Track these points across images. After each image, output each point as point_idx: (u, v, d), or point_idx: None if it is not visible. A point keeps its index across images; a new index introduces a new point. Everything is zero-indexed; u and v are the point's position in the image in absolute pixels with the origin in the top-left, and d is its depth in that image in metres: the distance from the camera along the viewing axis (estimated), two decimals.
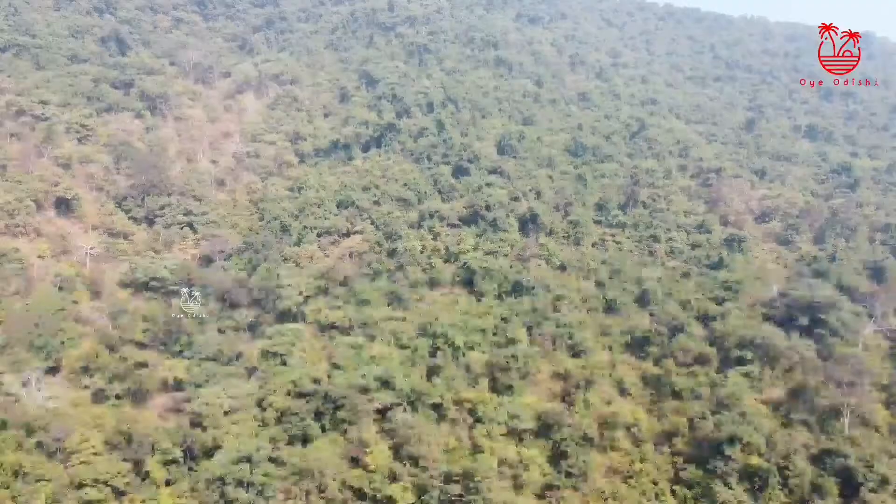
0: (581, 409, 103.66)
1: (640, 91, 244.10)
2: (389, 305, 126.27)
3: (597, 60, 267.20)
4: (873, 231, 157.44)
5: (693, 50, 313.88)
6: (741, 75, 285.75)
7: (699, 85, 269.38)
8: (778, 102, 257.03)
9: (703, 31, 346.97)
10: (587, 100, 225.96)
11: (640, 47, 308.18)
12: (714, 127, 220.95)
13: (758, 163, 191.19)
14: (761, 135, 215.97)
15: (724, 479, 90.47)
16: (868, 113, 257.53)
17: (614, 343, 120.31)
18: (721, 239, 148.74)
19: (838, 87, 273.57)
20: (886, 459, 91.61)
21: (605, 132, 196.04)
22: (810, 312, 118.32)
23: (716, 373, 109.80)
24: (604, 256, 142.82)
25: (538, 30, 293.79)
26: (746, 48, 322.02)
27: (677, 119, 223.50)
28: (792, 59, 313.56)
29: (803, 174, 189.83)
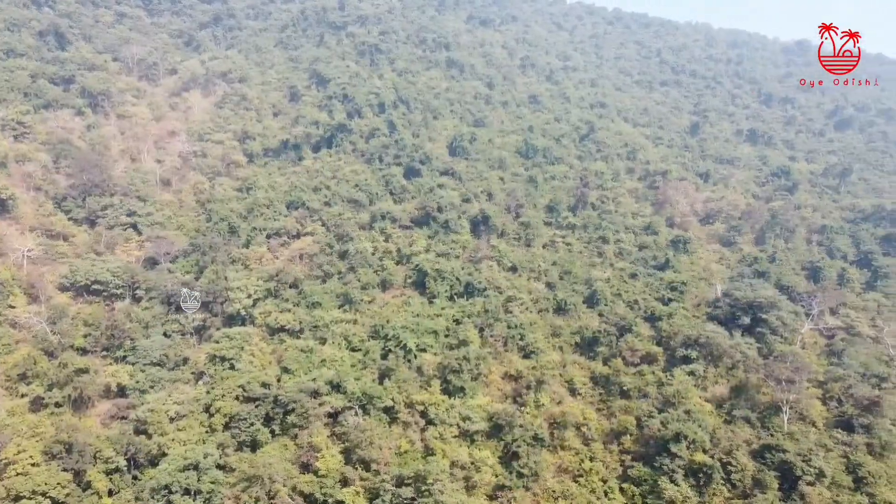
0: (532, 410, 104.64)
1: (589, 94, 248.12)
2: (340, 308, 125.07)
3: (547, 63, 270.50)
4: (810, 232, 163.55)
5: (640, 54, 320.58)
6: (686, 80, 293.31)
7: (646, 89, 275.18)
8: (721, 107, 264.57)
9: (651, 36, 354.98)
10: (538, 102, 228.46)
11: (590, 51, 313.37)
12: (660, 130, 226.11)
13: (702, 166, 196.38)
14: (705, 138, 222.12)
15: (670, 475, 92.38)
16: (805, 118, 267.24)
17: (564, 343, 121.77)
18: (667, 240, 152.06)
19: (777, 93, 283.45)
20: (823, 453, 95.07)
21: (555, 134, 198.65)
22: (752, 312, 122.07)
23: (662, 371, 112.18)
24: (554, 258, 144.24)
25: (489, 32, 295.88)
26: (691, 54, 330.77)
27: (625, 122, 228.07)
28: (734, 65, 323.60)
29: (745, 177, 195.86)
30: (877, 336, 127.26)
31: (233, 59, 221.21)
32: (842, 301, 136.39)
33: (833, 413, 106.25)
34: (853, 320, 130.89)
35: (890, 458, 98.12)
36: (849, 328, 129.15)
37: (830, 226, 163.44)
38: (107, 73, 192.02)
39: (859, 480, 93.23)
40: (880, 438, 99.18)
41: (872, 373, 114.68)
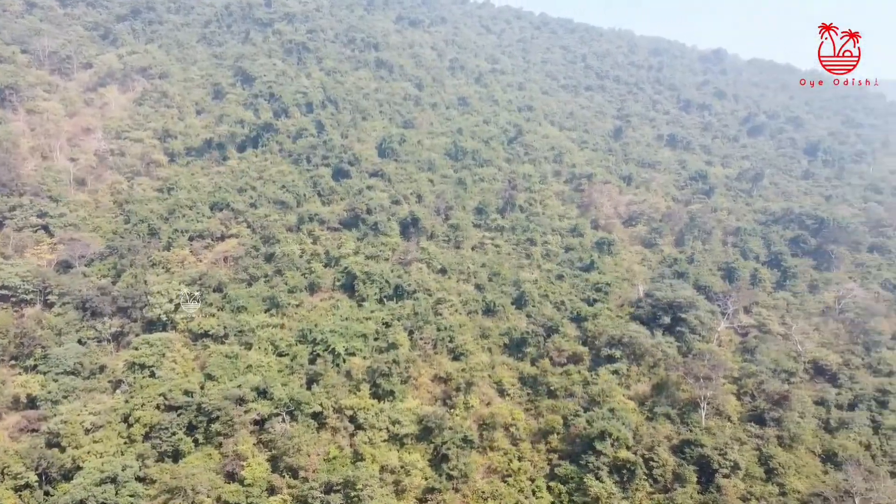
0: (461, 412, 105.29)
1: (517, 97, 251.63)
2: (267, 312, 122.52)
3: (476, 66, 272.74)
4: (726, 234, 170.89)
5: (566, 59, 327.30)
6: (610, 85, 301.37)
7: (572, 93, 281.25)
8: (643, 112, 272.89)
9: (576, 41, 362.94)
10: (467, 104, 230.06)
11: (517, 55, 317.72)
12: (586, 134, 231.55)
13: (625, 169, 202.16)
14: (628, 143, 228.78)
15: (595, 473, 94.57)
16: (721, 125, 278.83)
17: (493, 345, 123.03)
18: (592, 242, 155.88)
19: (696, 100, 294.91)
20: (737, 446, 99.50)
21: (484, 137, 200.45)
22: (672, 311, 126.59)
23: (588, 371, 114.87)
24: (483, 259, 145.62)
25: (419, 33, 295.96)
26: (615, 60, 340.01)
27: (552, 126, 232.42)
28: (655, 71, 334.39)
29: (665, 181, 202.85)
30: (786, 333, 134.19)
31: (153, 54, 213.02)
32: (754, 300, 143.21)
33: (747, 407, 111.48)
34: (765, 318, 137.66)
35: (798, 450, 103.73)
36: (761, 326, 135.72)
37: (744, 228, 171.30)
38: (15, 66, 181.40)
39: (770, 471, 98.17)
40: (789, 431, 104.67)
41: (782, 368, 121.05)
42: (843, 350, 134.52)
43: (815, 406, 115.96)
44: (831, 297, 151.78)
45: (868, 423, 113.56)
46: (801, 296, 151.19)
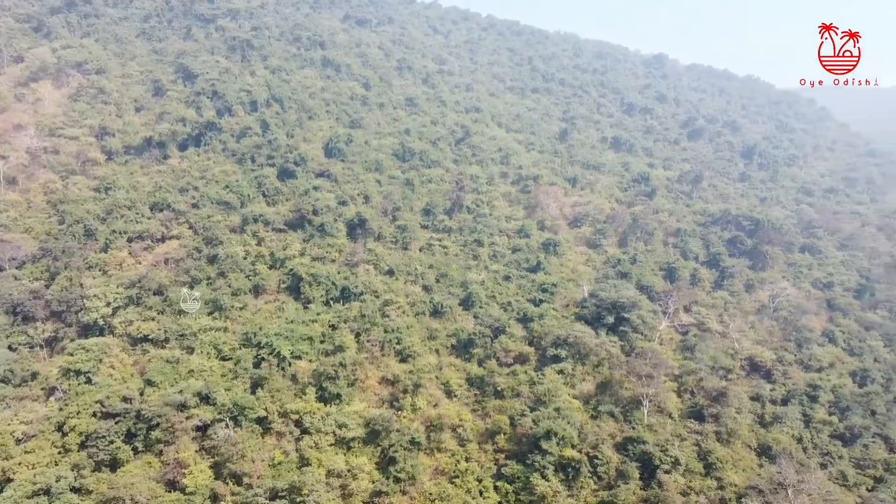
0: (409, 414, 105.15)
1: (464, 98, 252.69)
2: (210, 315, 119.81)
3: (423, 66, 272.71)
4: (667, 235, 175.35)
5: (513, 61, 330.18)
6: (556, 88, 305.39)
7: (519, 95, 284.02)
8: (588, 115, 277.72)
9: (522, 43, 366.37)
10: (414, 105, 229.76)
11: (465, 56, 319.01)
12: (532, 136, 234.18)
13: (570, 171, 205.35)
14: (573, 145, 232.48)
15: (541, 471, 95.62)
16: (663, 128, 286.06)
17: (441, 346, 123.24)
18: (539, 243, 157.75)
19: (638, 103, 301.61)
20: (678, 443, 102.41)
21: (431, 137, 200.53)
22: (615, 311, 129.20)
23: (534, 371, 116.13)
24: (431, 261, 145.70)
25: (366, 32, 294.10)
26: (560, 63, 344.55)
27: (499, 127, 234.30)
28: (599, 75, 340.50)
29: (609, 182, 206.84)
30: (724, 331, 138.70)
31: (89, 49, 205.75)
32: (694, 299, 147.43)
33: (687, 404, 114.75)
34: (704, 317, 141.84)
35: (735, 444, 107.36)
36: (700, 324, 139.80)
37: (684, 229, 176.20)
38: None
39: (709, 466, 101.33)
40: (727, 426, 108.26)
41: (720, 365, 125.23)
42: (776, 347, 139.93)
43: (751, 401, 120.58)
44: (766, 296, 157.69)
45: (800, 417, 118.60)
46: (738, 295, 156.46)
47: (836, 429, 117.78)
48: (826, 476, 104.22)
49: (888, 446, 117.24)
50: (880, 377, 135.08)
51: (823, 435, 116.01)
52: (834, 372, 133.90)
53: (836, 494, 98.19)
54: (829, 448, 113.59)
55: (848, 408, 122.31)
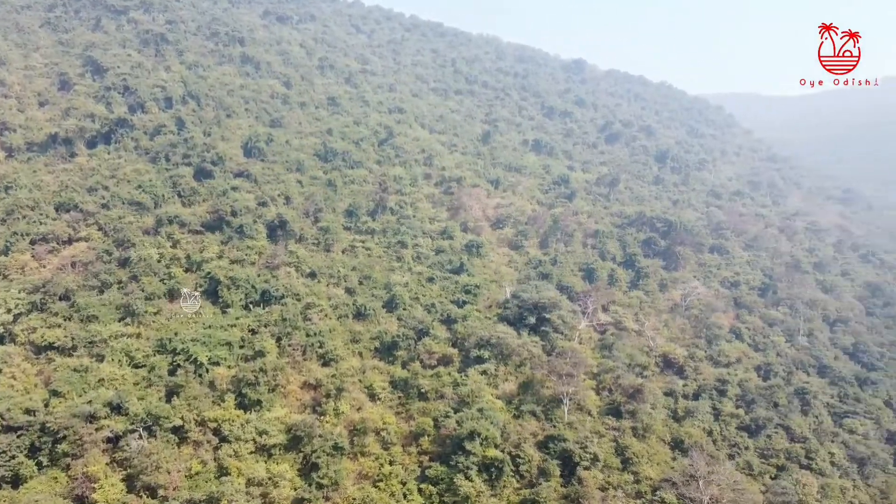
0: (332, 418, 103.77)
1: (387, 99, 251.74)
2: (121, 321, 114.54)
3: (346, 65, 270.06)
4: (586, 236, 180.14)
5: (436, 62, 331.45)
6: (478, 90, 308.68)
7: (442, 96, 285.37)
8: (510, 117, 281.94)
9: (445, 45, 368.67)
10: (337, 104, 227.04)
11: (388, 56, 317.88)
12: (455, 137, 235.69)
13: (493, 173, 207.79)
14: (496, 147, 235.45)
15: (465, 472, 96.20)
16: (582, 131, 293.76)
17: (364, 349, 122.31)
18: (462, 245, 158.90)
19: (559, 107, 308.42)
20: (596, 439, 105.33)
21: (354, 138, 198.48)
22: (537, 312, 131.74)
23: (458, 372, 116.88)
24: (354, 263, 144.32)
25: (287, 29, 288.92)
26: (483, 65, 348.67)
27: (422, 128, 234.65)
28: (521, 78, 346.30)
29: (531, 184, 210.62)
30: (639, 330, 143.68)
31: None
32: (612, 299, 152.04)
33: (605, 401, 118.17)
34: (621, 316, 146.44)
35: (650, 439, 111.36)
36: (617, 323, 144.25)
37: (602, 230, 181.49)
38: None
39: (626, 461, 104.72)
40: (643, 422, 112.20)
41: (636, 363, 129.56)
42: (688, 344, 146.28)
43: (665, 397, 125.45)
44: (678, 295, 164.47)
45: (710, 410, 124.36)
46: (653, 294, 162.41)
47: (742, 421, 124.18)
48: (734, 466, 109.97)
49: (789, 436, 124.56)
50: (782, 371, 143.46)
51: (731, 427, 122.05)
52: (741, 367, 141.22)
53: (743, 484, 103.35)
54: (737, 440, 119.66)
55: (753, 401, 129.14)
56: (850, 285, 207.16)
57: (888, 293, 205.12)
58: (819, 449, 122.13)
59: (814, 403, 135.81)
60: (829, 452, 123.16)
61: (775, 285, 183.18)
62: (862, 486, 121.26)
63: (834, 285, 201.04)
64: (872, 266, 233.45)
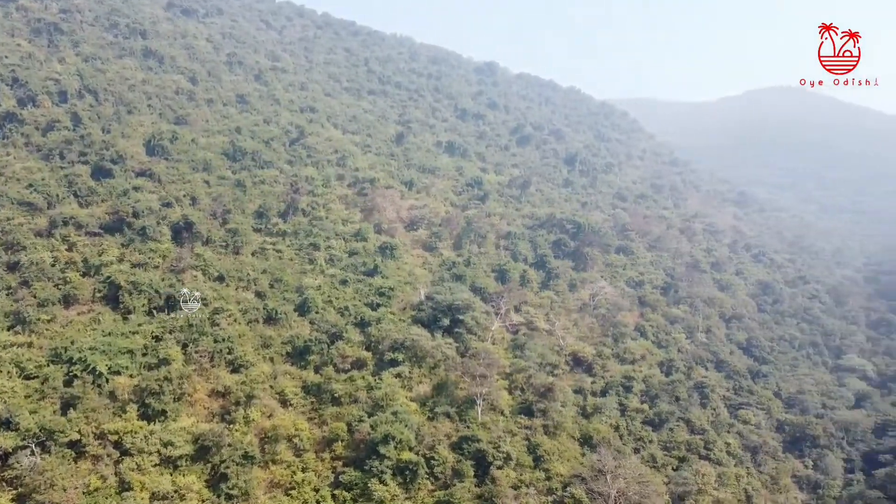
0: (242, 427, 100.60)
1: (299, 97, 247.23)
2: (10, 329, 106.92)
3: (256, 62, 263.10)
4: (498, 238, 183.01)
5: (349, 62, 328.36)
6: (392, 91, 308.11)
7: (355, 96, 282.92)
8: (423, 119, 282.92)
9: (359, 44, 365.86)
10: (246, 102, 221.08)
11: (300, 53, 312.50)
12: (369, 138, 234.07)
13: (407, 174, 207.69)
14: (409, 148, 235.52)
15: (379, 476, 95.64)
16: (494, 134, 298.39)
17: (276, 354, 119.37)
18: (376, 246, 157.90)
19: (471, 109, 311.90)
20: (509, 439, 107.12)
21: (264, 137, 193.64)
22: (451, 313, 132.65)
23: (372, 376, 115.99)
24: (264, 265, 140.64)
25: (192, 23, 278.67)
26: (396, 66, 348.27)
27: (335, 128, 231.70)
28: (434, 80, 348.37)
29: (444, 186, 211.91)
30: (550, 329, 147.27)
31: None
32: (524, 299, 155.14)
33: (517, 401, 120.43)
34: (532, 316, 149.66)
35: (561, 436, 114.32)
36: (529, 323, 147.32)
37: (514, 232, 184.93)
38: None
39: (538, 459, 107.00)
40: (553, 419, 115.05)
41: (547, 362, 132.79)
42: (596, 342, 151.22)
43: (575, 395, 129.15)
44: (587, 295, 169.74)
45: (617, 406, 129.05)
46: (563, 294, 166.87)
47: (647, 415, 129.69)
48: (639, 460, 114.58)
49: (689, 428, 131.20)
50: (683, 366, 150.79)
51: (636, 422, 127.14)
52: (645, 363, 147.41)
53: (647, 476, 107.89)
54: (642, 434, 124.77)
55: (657, 396, 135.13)
56: (743, 284, 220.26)
57: (777, 291, 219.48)
58: (716, 440, 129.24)
59: (711, 397, 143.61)
60: (726, 443, 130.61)
61: (677, 284, 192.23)
62: (755, 472, 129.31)
63: (729, 284, 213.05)
64: (763, 265, 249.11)
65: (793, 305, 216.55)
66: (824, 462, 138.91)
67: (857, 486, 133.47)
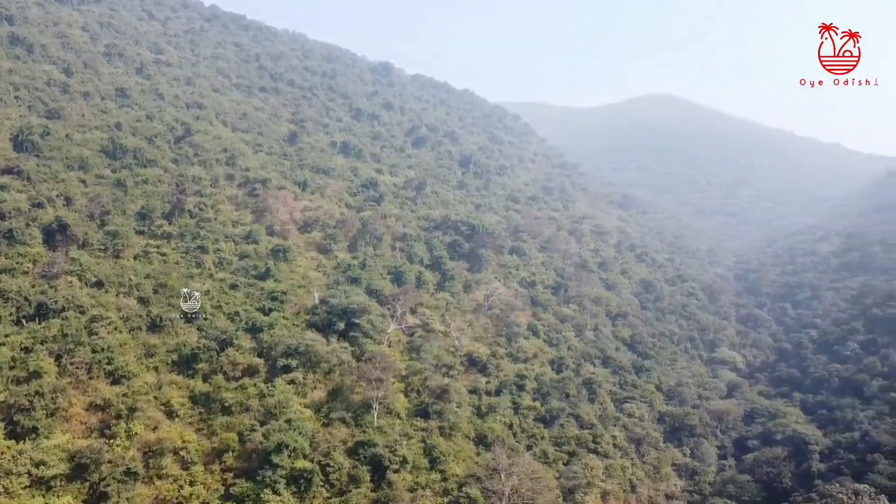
0: (123, 441, 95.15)
1: (185, 93, 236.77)
2: None
3: (137, 54, 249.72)
4: (394, 240, 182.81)
5: (239, 57, 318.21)
6: (284, 88, 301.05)
7: (245, 93, 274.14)
8: (317, 118, 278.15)
9: (249, 39, 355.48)
10: (126, 96, 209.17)
11: (185, 47, 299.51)
12: (260, 137, 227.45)
13: (300, 175, 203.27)
14: (303, 148, 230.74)
15: (272, 486, 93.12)
16: (389, 135, 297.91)
17: (160, 363, 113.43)
18: (268, 249, 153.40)
19: (367, 109, 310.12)
20: (405, 442, 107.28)
21: (147, 134, 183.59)
22: (346, 317, 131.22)
23: (264, 383, 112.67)
24: (148, 270, 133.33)
25: (66, 10, 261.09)
26: (289, 63, 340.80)
27: (224, 126, 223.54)
28: (328, 78, 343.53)
29: (339, 187, 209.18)
30: (446, 331, 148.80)
31: None
32: (419, 301, 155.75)
33: (414, 403, 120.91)
34: (428, 318, 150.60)
35: (456, 437, 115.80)
36: (425, 325, 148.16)
37: (410, 234, 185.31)
38: None
39: (434, 460, 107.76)
40: (449, 420, 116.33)
41: (443, 363, 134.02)
42: (490, 342, 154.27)
43: (470, 395, 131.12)
44: (481, 296, 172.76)
45: (510, 405, 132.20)
46: (458, 295, 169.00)
47: (539, 413, 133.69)
48: (532, 457, 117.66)
49: (579, 423, 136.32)
50: (572, 363, 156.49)
51: (529, 420, 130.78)
52: (537, 362, 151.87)
53: (540, 472, 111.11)
54: (534, 431, 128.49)
55: (548, 393, 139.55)
56: (628, 283, 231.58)
57: (658, 289, 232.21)
58: (604, 433, 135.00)
59: (599, 392, 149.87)
60: (612, 436, 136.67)
61: (566, 284, 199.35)
62: (639, 463, 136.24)
63: (615, 283, 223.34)
64: (646, 265, 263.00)
65: (672, 303, 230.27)
66: (700, 450, 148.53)
67: (728, 471, 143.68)
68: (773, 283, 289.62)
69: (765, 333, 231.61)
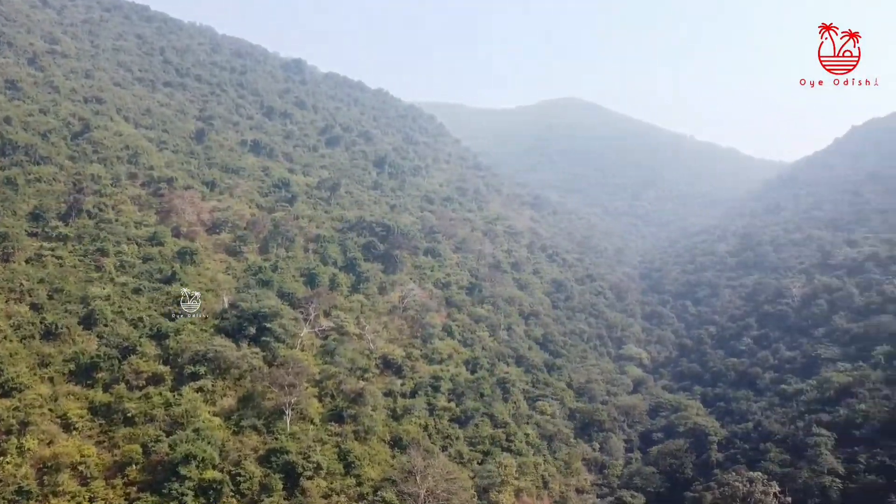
0: (15, 458, 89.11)
1: (83, 86, 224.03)
2: None
3: (30, 44, 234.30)
4: (307, 241, 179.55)
5: (142, 50, 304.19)
6: (191, 84, 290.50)
7: (149, 88, 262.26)
8: (226, 115, 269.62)
9: (153, 31, 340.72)
10: (17, 89, 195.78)
11: (83, 37, 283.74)
12: (165, 134, 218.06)
13: (208, 174, 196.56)
14: (211, 146, 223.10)
15: (179, 499, 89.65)
16: (302, 134, 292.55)
17: (56, 373, 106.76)
18: (174, 251, 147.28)
19: (278, 107, 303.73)
20: (319, 447, 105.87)
21: (41, 129, 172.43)
22: (257, 321, 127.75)
23: (170, 392, 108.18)
24: (41, 274, 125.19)
25: None
26: (196, 57, 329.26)
27: (126, 122, 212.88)
28: (238, 74, 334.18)
29: (250, 187, 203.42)
30: (360, 333, 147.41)
31: None
32: (333, 304, 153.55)
33: (328, 407, 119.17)
34: (342, 320, 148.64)
35: (371, 441, 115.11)
36: (339, 328, 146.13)
37: (324, 235, 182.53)
38: None
39: (349, 465, 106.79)
40: (364, 424, 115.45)
41: (358, 366, 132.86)
42: (406, 344, 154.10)
43: (385, 398, 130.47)
44: (397, 297, 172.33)
45: (426, 406, 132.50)
46: (373, 297, 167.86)
47: (454, 413, 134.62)
48: (447, 457, 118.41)
49: (493, 423, 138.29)
50: (487, 363, 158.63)
51: (444, 420, 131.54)
52: (452, 362, 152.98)
53: (455, 473, 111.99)
54: (449, 431, 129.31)
55: (463, 393, 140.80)
56: (539, 282, 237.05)
57: (569, 288, 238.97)
58: (517, 432, 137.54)
59: (513, 391, 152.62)
60: (525, 434, 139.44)
61: (481, 284, 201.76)
62: (551, 459, 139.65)
63: (527, 283, 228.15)
64: (557, 265, 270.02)
65: (582, 301, 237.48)
66: (609, 444, 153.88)
67: (635, 463, 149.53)
68: (675, 281, 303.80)
69: (668, 330, 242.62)
